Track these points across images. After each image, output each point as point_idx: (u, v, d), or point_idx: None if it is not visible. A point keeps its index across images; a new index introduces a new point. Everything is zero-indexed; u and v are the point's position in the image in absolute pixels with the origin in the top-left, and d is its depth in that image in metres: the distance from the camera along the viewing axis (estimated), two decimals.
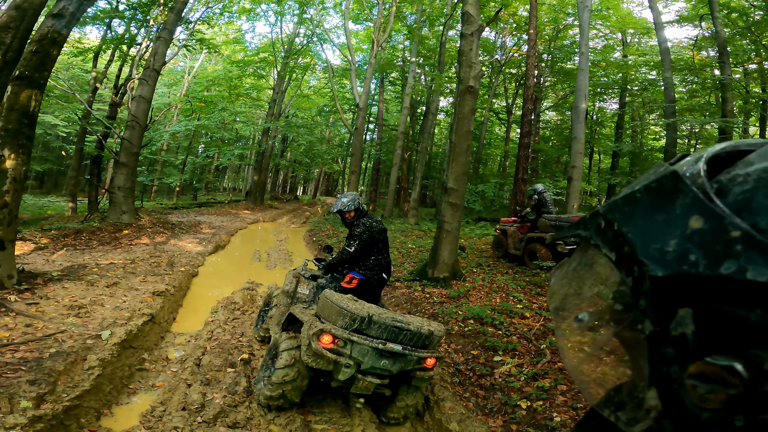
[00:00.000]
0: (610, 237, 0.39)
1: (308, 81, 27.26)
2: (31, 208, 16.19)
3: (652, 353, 0.34)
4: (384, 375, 2.93)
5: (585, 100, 9.38)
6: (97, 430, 2.65)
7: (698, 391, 0.31)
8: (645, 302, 0.34)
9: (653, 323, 0.34)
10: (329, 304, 2.94)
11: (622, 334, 0.41)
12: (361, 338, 2.80)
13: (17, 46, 5.09)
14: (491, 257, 8.57)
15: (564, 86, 19.56)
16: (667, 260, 0.33)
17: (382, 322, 2.83)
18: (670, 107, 11.69)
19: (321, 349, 2.75)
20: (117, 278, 5.83)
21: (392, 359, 2.87)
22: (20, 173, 4.91)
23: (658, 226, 0.35)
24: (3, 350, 3.11)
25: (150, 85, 10.76)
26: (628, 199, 0.39)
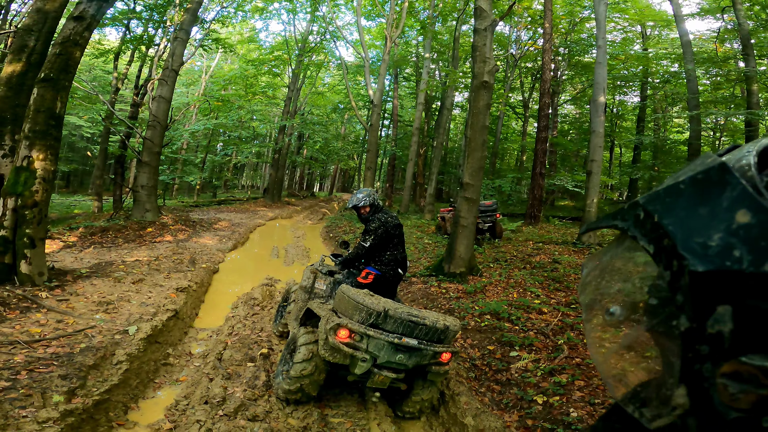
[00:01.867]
0: (649, 229, 0.37)
1: (322, 78, 27.41)
2: (58, 207, 16.79)
3: (686, 350, 0.33)
4: (400, 369, 2.96)
5: (604, 94, 9.23)
6: (125, 424, 2.76)
7: (729, 390, 0.31)
8: (682, 297, 0.33)
9: (689, 319, 0.33)
10: (346, 299, 2.98)
11: (655, 329, 0.40)
12: (377, 333, 2.83)
13: (41, 49, 5.28)
14: (508, 252, 8.50)
15: (582, 79, 19.29)
16: (710, 255, 0.32)
17: (398, 316, 2.85)
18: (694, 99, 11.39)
19: (338, 344, 2.79)
20: (142, 275, 6.02)
21: (408, 354, 2.88)
22: (48, 173, 5.09)
23: (701, 219, 0.33)
24: (35, 345, 3.27)
25: (169, 85, 10.98)
26: (671, 190, 0.37)
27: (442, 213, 11.25)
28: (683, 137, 19.32)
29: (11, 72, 5.09)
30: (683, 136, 19.61)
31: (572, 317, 4.64)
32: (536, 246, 9.06)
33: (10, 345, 3.17)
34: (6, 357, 2.95)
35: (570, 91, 22.04)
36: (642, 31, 18.23)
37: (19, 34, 5.22)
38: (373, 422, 3.02)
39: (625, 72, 17.00)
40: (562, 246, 9.07)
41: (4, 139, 5.07)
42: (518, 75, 20.35)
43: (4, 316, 3.77)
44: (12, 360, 2.92)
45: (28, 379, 2.69)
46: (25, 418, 2.29)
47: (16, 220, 4.79)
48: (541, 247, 8.88)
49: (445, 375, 3.19)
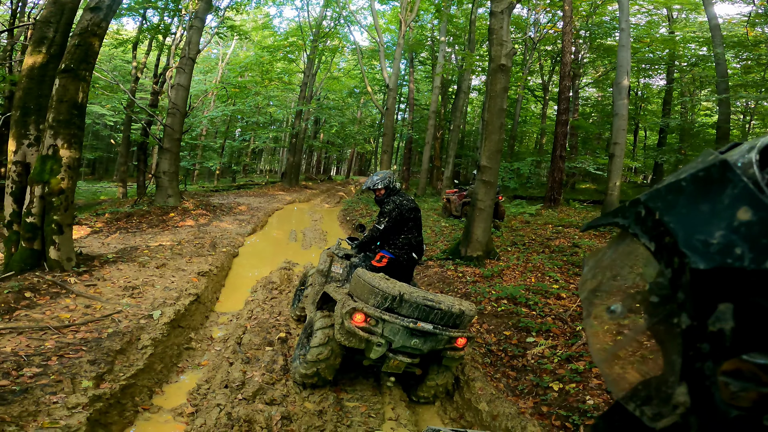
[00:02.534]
0: (651, 226, 0.37)
1: (337, 63, 27.47)
2: (85, 194, 17.36)
3: (687, 348, 0.33)
4: (415, 354, 2.96)
5: (627, 77, 9.12)
6: (150, 408, 2.87)
7: (731, 388, 0.31)
8: (683, 295, 0.33)
9: (690, 317, 0.33)
10: (361, 283, 2.96)
11: (656, 327, 0.40)
12: (392, 317, 2.82)
13: (60, 40, 5.36)
14: (526, 236, 8.38)
15: (604, 62, 18.87)
16: (711, 252, 0.31)
17: (414, 300, 2.83)
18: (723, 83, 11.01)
19: (353, 328, 2.80)
20: (165, 259, 6.19)
21: (423, 338, 2.88)
22: (73, 161, 5.23)
23: (703, 216, 0.33)
24: (65, 331, 3.41)
25: (187, 73, 11.09)
26: (672, 188, 0.37)
27: (448, 194, 12.08)
28: (711, 120, 18.85)
29: (32, 63, 5.20)
30: (711, 119, 19.12)
31: None
32: (556, 229, 8.89)
33: (41, 331, 3.32)
34: (37, 343, 3.09)
35: (592, 74, 21.66)
36: (668, 14, 17.56)
37: (38, 26, 5.30)
38: (387, 406, 3.07)
39: (650, 55, 16.58)
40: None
41: (28, 128, 5.21)
42: (537, 58, 20.03)
43: (34, 301, 3.95)
44: (43, 346, 3.06)
45: (59, 365, 2.81)
46: (55, 404, 2.40)
47: (44, 208, 4.97)
48: (561, 231, 8.71)
49: (461, 360, 3.19)
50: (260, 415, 2.62)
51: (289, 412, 2.75)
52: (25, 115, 5.22)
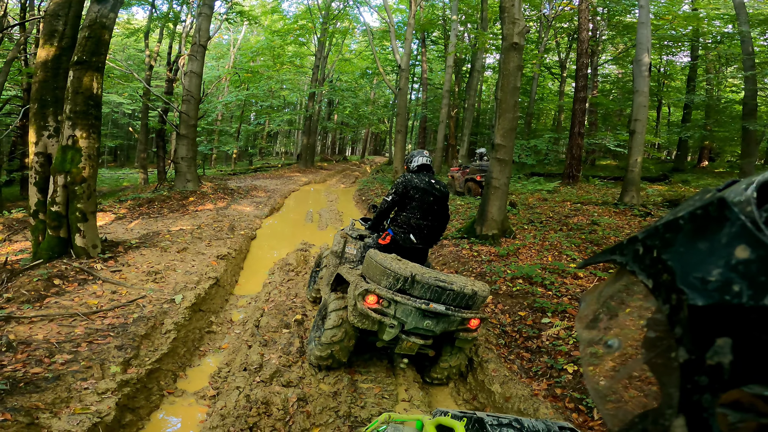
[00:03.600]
0: (648, 264, 0.38)
1: (349, 45, 27.46)
2: (108, 181, 17.85)
3: (684, 381, 0.34)
4: (427, 335, 2.94)
5: (648, 54, 8.99)
6: (174, 392, 2.99)
7: (729, 419, 0.32)
8: (681, 330, 0.34)
9: (688, 351, 0.33)
10: (373, 264, 2.94)
11: (653, 361, 0.41)
12: (404, 298, 2.79)
13: (71, 33, 5.41)
14: (543, 213, 8.23)
15: (624, 39, 18.56)
16: (709, 290, 0.32)
17: (426, 281, 2.78)
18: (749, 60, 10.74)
19: (366, 310, 2.80)
20: (186, 243, 6.35)
21: (435, 319, 2.85)
22: (93, 150, 5.35)
23: (701, 254, 0.34)
24: (93, 317, 3.56)
25: (199, 60, 11.14)
26: (670, 226, 0.38)
27: (452, 172, 13.03)
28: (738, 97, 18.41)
29: (45, 56, 5.28)
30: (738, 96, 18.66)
31: None
32: (574, 207, 8.70)
33: (70, 317, 3.48)
34: (68, 329, 3.24)
35: (611, 51, 21.41)
36: None
37: (47, 20, 5.35)
38: (401, 388, 3.12)
39: (673, 32, 16.15)
40: (602, 207, 8.65)
41: (47, 120, 5.33)
42: (553, 36, 19.82)
43: (63, 288, 4.12)
44: (73, 332, 3.21)
45: (88, 351, 2.95)
46: (86, 390, 2.53)
47: (68, 196, 5.13)
48: (580, 208, 8.52)
49: (473, 341, 3.17)
50: (277, 397, 2.71)
51: (304, 393, 2.84)
52: (43, 107, 5.33)
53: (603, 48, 19.96)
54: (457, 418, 1.49)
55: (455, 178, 12.66)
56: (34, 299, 3.85)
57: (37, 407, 2.32)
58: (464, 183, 11.99)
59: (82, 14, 5.57)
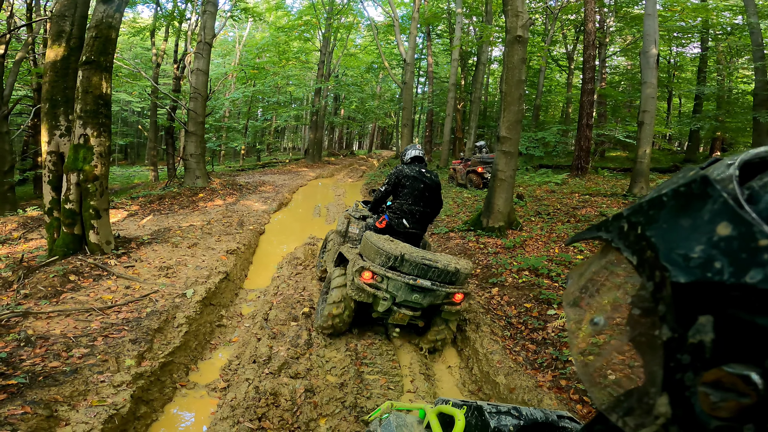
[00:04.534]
0: (633, 240, 0.38)
1: (354, 40, 27.43)
2: (120, 178, 18.11)
3: (667, 359, 0.34)
4: (416, 308, 3.33)
5: (655, 45, 8.95)
6: (187, 385, 3.07)
7: (711, 399, 0.31)
8: (664, 308, 0.34)
9: (671, 329, 0.33)
10: (369, 244, 3.32)
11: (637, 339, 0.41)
12: (395, 274, 3.17)
13: (78, 33, 5.49)
14: (551, 205, 8.19)
15: (632, 31, 18.38)
16: (691, 266, 0.32)
17: (413, 260, 3.17)
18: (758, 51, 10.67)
19: (362, 284, 3.20)
20: (196, 239, 6.45)
21: (423, 293, 3.23)
22: (104, 149, 5.45)
23: (683, 231, 0.34)
24: (109, 312, 3.66)
25: (205, 58, 11.21)
26: (653, 203, 0.38)
27: (454, 164, 13.27)
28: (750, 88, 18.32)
29: (54, 57, 5.37)
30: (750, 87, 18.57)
31: None
32: (582, 198, 8.64)
33: (86, 312, 3.58)
34: (84, 324, 3.34)
35: (619, 42, 21.19)
36: None
37: (54, 20, 5.43)
38: (406, 379, 3.17)
39: (682, 23, 16.13)
40: (611, 198, 8.58)
41: (58, 120, 5.44)
42: (560, 28, 19.76)
43: (79, 284, 4.24)
44: (89, 327, 3.31)
45: (104, 345, 3.04)
46: (102, 383, 2.61)
47: (81, 194, 5.25)
48: (588, 200, 8.46)
49: (458, 314, 3.55)
50: (285, 389, 2.78)
51: (312, 384, 2.90)
52: (54, 106, 5.44)
53: (611, 39, 19.83)
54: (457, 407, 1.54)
55: (457, 170, 12.92)
56: (50, 295, 3.97)
57: (56, 400, 2.41)
58: (466, 175, 12.26)
59: (89, 14, 5.65)
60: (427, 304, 3.29)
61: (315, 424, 2.56)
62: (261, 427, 2.45)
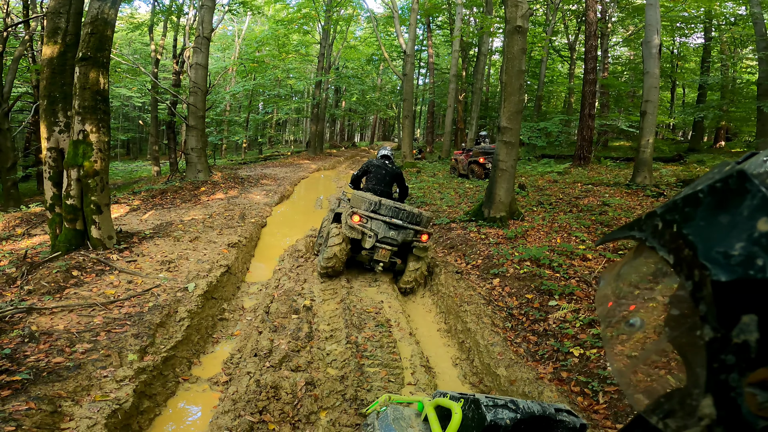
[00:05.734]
0: (669, 239, 0.37)
1: (354, 32, 27.44)
2: (122, 173, 18.15)
3: (711, 360, 0.33)
4: (394, 243, 4.59)
5: (658, 35, 8.90)
6: (189, 379, 3.09)
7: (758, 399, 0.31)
8: (706, 308, 0.33)
9: (713, 329, 0.32)
10: (356, 197, 4.72)
11: (678, 340, 0.40)
12: (376, 216, 4.52)
13: (73, 30, 5.47)
14: (553, 195, 8.14)
15: (635, 21, 18.51)
16: (732, 264, 0.31)
17: (388, 204, 4.60)
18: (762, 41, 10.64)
19: (353, 224, 4.51)
20: (198, 233, 6.46)
21: (397, 230, 4.56)
22: (103, 144, 5.45)
23: (722, 228, 0.33)
24: (111, 307, 3.68)
25: (203, 52, 11.16)
26: (689, 200, 0.37)
27: (455, 155, 13.38)
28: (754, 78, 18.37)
29: (51, 54, 5.35)
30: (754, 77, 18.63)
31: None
32: (585, 188, 8.58)
33: (89, 308, 3.60)
34: (87, 319, 3.36)
35: (622, 33, 21.31)
36: None
37: (49, 18, 5.41)
38: (407, 371, 3.18)
39: (685, 14, 16.15)
40: (614, 188, 8.51)
41: (57, 116, 5.43)
42: (561, 18, 19.76)
43: (81, 279, 4.26)
44: (92, 322, 3.33)
45: (107, 340, 3.06)
46: (105, 378, 2.63)
47: (82, 189, 5.25)
48: (590, 189, 8.40)
49: (427, 252, 4.77)
50: (286, 382, 2.79)
51: (312, 378, 2.92)
52: (52, 103, 5.43)
53: (613, 30, 19.86)
54: (455, 399, 1.53)
55: (459, 161, 12.84)
56: (54, 290, 3.99)
57: (60, 395, 2.43)
58: (467, 166, 12.19)
59: (84, 11, 5.61)
60: (401, 240, 4.58)
61: (315, 417, 2.58)
62: (262, 421, 2.47)
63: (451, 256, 5.63)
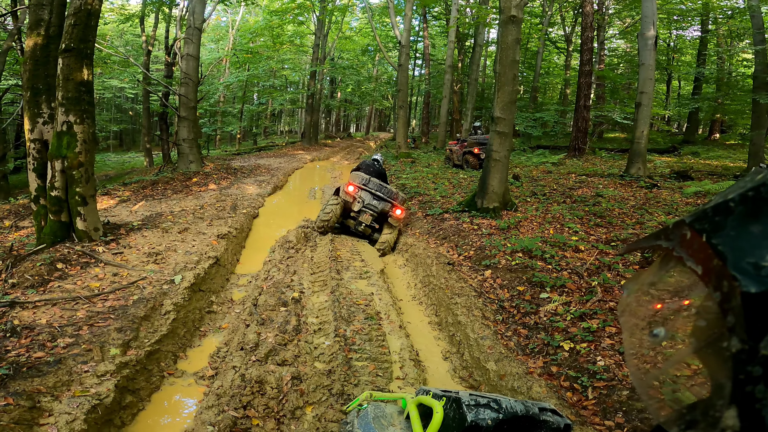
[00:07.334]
0: (697, 249, 0.37)
1: (349, 23, 27.22)
2: (114, 165, 17.93)
3: (737, 371, 0.32)
4: (375, 210, 6.21)
5: (654, 27, 8.97)
6: (174, 373, 3.03)
7: None
8: (734, 319, 0.32)
9: (741, 341, 0.32)
10: (353, 174, 6.47)
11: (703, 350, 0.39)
12: (365, 188, 6.25)
13: (57, 21, 5.35)
14: (547, 186, 8.09)
15: (632, 13, 18.65)
16: (763, 276, 0.31)
17: (375, 182, 6.33)
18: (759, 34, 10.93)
19: (349, 191, 6.28)
20: (187, 224, 6.37)
21: (378, 201, 6.23)
22: (88, 135, 5.35)
23: (753, 238, 0.33)
24: (95, 300, 3.61)
25: (195, 43, 11.00)
26: (719, 209, 0.36)
27: (450, 146, 13.52)
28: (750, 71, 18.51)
29: (34, 45, 5.25)
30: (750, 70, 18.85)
31: (611, 256, 4.41)
32: (579, 179, 8.54)
33: (73, 301, 3.53)
34: (70, 313, 3.29)
35: (618, 25, 21.29)
36: None
37: (32, 9, 5.31)
38: (395, 366, 3.14)
39: (682, 7, 16.18)
40: (608, 179, 8.48)
41: (41, 107, 5.32)
42: (558, 9, 19.85)
43: (66, 272, 4.18)
44: (75, 316, 3.26)
45: (89, 334, 2.99)
46: (86, 373, 2.57)
47: (66, 181, 5.16)
48: (585, 180, 8.36)
49: (399, 224, 6.36)
50: (271, 376, 2.74)
51: (299, 372, 2.87)
52: (36, 94, 5.31)
53: (610, 22, 19.92)
54: (437, 398, 1.49)
55: (453, 151, 12.84)
56: (38, 284, 3.92)
57: (39, 391, 2.38)
58: (462, 156, 12.20)
59: (67, 2, 5.48)
60: (381, 210, 6.19)
61: (301, 412, 2.53)
62: (246, 416, 2.43)
63: (443, 246, 5.58)
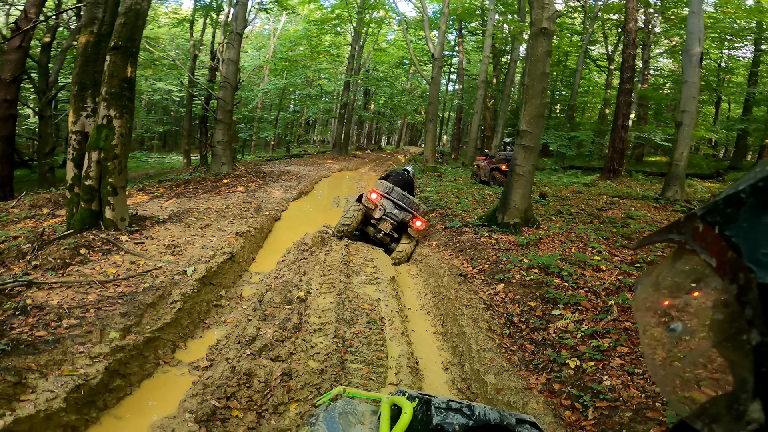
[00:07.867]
0: (710, 241, 0.36)
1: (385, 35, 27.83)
2: (154, 164, 18.82)
3: (758, 364, 0.32)
4: (395, 219, 6.28)
5: (699, 44, 8.62)
6: (170, 362, 3.05)
7: None
8: (752, 311, 0.32)
9: (761, 333, 0.31)
10: (377, 182, 6.64)
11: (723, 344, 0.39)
12: (387, 197, 6.32)
13: (109, 20, 5.71)
14: (575, 205, 7.78)
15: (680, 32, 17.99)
16: None
17: (397, 192, 6.38)
18: None
19: (372, 198, 6.36)
20: (210, 221, 6.53)
21: (399, 210, 6.30)
22: (125, 130, 5.63)
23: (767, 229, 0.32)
24: (108, 285, 3.73)
25: (235, 48, 11.45)
26: (731, 200, 0.36)
27: (478, 161, 13.55)
28: None
29: (86, 42, 5.61)
30: None
31: (634, 277, 4.15)
32: (610, 200, 8.17)
33: (87, 285, 3.66)
34: (81, 296, 3.40)
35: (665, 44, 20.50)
36: None
37: (88, 8, 5.68)
38: (391, 371, 3.04)
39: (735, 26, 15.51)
40: (641, 201, 8.06)
41: (86, 101, 5.66)
42: (600, 27, 19.36)
43: (87, 258, 4.36)
44: (85, 299, 3.36)
45: (94, 317, 3.07)
46: (80, 354, 2.62)
47: (100, 172, 5.43)
48: (616, 202, 7.99)
49: (418, 235, 6.42)
50: (261, 370, 2.71)
51: (291, 368, 2.82)
52: (83, 89, 5.66)
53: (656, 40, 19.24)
54: (411, 399, 1.42)
55: (480, 167, 12.79)
56: (58, 266, 4.09)
57: (29, 368, 2.42)
58: (489, 172, 12.11)
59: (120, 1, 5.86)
60: (400, 219, 6.27)
61: (285, 408, 2.48)
62: (227, 407, 2.40)
63: (458, 259, 5.44)
